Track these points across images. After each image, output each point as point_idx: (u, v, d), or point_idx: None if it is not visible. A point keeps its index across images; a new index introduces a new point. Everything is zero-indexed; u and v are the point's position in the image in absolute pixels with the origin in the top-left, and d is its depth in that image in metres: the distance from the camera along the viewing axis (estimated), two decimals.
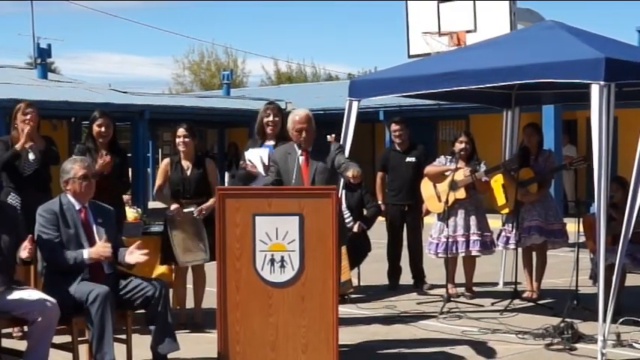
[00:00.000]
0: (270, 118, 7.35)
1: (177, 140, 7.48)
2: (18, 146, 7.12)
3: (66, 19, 66.90)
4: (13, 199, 7.04)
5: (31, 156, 7.16)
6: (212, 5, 69.63)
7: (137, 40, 77.19)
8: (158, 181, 7.51)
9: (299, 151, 6.65)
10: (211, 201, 7.10)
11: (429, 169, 8.83)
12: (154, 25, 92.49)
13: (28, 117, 7.17)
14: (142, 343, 6.38)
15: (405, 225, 9.41)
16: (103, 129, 7.34)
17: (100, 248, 5.72)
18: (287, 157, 6.66)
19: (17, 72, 23.31)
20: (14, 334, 6.54)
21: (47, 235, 5.71)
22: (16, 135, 7.23)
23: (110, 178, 7.17)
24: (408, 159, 9.33)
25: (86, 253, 5.69)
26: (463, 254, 8.69)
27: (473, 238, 8.60)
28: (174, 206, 7.26)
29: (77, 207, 5.85)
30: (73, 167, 5.87)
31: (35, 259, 5.91)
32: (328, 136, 8.80)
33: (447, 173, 8.55)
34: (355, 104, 7.78)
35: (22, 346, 5.52)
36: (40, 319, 5.22)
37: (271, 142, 7.35)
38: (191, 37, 76.43)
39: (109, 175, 7.17)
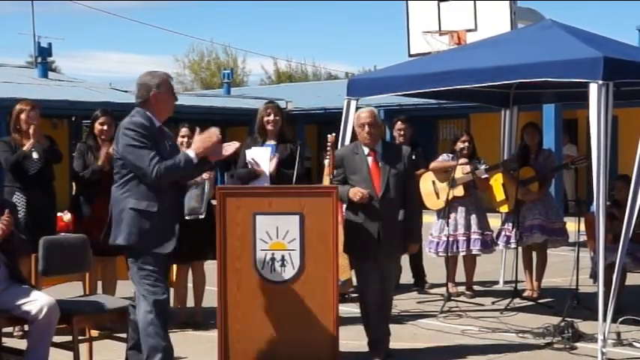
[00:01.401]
0: (271, 117, 7.32)
1: (181, 140, 7.46)
2: (26, 147, 7.07)
3: (66, 19, 66.96)
4: (18, 198, 7.03)
5: (34, 155, 7.13)
6: (212, 5, 69.71)
7: (137, 39, 77.30)
8: None
9: (366, 151, 6.36)
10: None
11: (433, 164, 8.85)
12: (154, 24, 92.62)
13: (35, 118, 7.16)
14: None
15: None
16: (105, 127, 7.35)
17: (205, 135, 5.21)
18: (354, 156, 6.37)
19: (18, 71, 23.36)
20: (15, 334, 6.54)
21: (144, 146, 5.08)
22: (18, 137, 7.19)
23: (110, 175, 7.20)
24: None
25: (192, 152, 5.14)
26: (464, 253, 8.69)
27: (474, 237, 8.60)
28: None
29: (157, 124, 5.31)
30: (162, 80, 5.30)
31: (36, 258, 5.91)
32: (329, 135, 8.77)
33: (451, 170, 8.56)
34: (354, 103, 7.78)
35: (23, 345, 5.52)
36: (39, 318, 5.22)
37: (272, 142, 7.35)
38: (191, 36, 76.48)
39: (111, 173, 7.18)
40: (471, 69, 7.14)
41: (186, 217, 7.19)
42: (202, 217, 7.15)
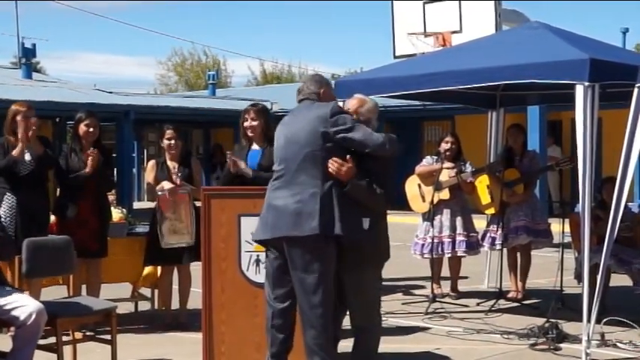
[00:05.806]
0: (248, 123, 6.89)
1: (166, 142, 7.45)
2: (15, 152, 6.89)
3: (50, 19, 66.69)
4: (8, 199, 6.92)
5: (27, 157, 6.98)
6: (200, 5, 69.49)
7: (122, 40, 76.97)
8: (149, 179, 7.49)
9: None
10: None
11: (419, 169, 8.84)
12: (138, 25, 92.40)
13: (33, 120, 7.04)
14: (127, 344, 6.37)
15: None
16: (91, 129, 7.27)
17: None
18: None
19: (2, 72, 23.19)
20: None
21: None
22: (13, 139, 7.00)
23: (94, 177, 7.14)
24: None
25: None
26: (449, 255, 8.70)
27: (459, 238, 8.61)
28: (168, 185, 7.22)
29: None
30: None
31: (20, 260, 5.87)
32: None
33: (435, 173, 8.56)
34: (340, 105, 7.75)
35: (7, 346, 5.48)
36: (28, 323, 5.16)
37: (257, 147, 6.92)
38: (176, 37, 76.53)
39: (94, 174, 7.12)
40: (459, 70, 7.15)
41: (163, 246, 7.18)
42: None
